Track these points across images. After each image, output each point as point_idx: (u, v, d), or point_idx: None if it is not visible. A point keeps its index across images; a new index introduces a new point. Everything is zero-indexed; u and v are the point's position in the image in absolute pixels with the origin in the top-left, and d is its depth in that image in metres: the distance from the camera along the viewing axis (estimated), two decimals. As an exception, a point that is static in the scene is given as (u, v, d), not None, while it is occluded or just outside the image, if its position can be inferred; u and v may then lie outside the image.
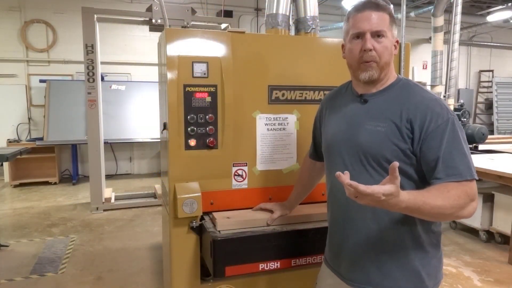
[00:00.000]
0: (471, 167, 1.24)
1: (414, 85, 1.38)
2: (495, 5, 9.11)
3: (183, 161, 1.95)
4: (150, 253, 3.91)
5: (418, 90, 1.35)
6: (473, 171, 1.24)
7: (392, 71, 1.40)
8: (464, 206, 1.20)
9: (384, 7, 1.33)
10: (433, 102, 1.29)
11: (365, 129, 1.34)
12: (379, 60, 1.31)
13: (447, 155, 1.23)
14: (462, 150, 1.24)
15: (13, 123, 7.37)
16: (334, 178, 1.39)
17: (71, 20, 7.27)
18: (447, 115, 1.26)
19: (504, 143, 5.91)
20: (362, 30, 1.31)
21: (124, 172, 8.08)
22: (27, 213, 5.26)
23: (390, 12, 1.34)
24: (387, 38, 1.31)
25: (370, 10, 1.31)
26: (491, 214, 4.17)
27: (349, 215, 1.39)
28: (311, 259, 1.85)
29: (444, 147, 1.23)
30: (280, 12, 2.24)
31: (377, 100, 1.37)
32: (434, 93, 1.38)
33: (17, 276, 3.39)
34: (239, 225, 1.85)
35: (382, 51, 1.30)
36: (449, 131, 1.24)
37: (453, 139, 1.24)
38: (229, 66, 1.97)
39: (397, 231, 1.32)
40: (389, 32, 1.32)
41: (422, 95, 1.32)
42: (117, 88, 7.37)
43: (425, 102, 1.28)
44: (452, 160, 1.22)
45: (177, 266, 1.98)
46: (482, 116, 11.63)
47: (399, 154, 1.27)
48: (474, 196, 1.22)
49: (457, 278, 3.38)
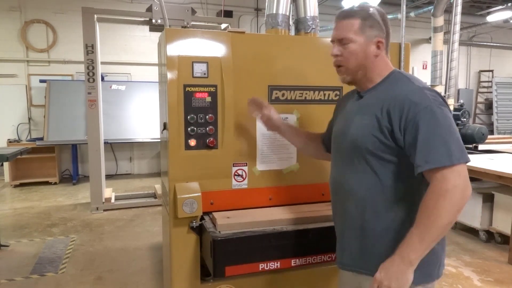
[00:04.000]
0: (453, 152, 1.22)
1: (403, 77, 1.41)
2: (495, 5, 9.11)
3: (183, 161, 1.95)
4: (150, 253, 3.91)
5: (403, 81, 1.38)
6: (455, 155, 1.22)
7: (382, 69, 1.43)
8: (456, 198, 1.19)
9: (354, 13, 1.41)
10: (413, 92, 1.31)
11: (354, 123, 1.43)
12: (346, 64, 1.42)
13: (424, 142, 1.24)
14: (441, 136, 1.24)
15: (13, 123, 7.37)
16: (334, 172, 1.55)
17: (71, 20, 7.26)
18: (426, 103, 1.27)
19: (504, 143, 5.91)
20: (332, 38, 1.47)
21: (124, 172, 8.08)
22: (27, 213, 5.26)
23: (363, 16, 1.39)
24: (355, 42, 1.39)
25: (338, 20, 1.44)
26: (491, 214, 4.17)
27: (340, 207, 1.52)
28: (311, 259, 1.85)
29: (420, 135, 1.25)
30: (280, 12, 2.25)
31: (369, 95, 1.45)
32: (421, 82, 1.38)
33: (17, 276, 3.39)
34: (239, 225, 1.85)
35: (347, 56, 1.41)
36: (427, 118, 1.26)
37: (432, 126, 1.25)
38: (229, 66, 1.97)
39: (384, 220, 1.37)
40: (358, 37, 1.39)
41: (404, 87, 1.35)
42: (117, 88, 7.37)
43: (404, 93, 1.32)
44: (429, 147, 1.23)
45: (177, 266, 1.98)
46: (482, 116, 11.63)
47: (379, 145, 1.34)
48: (460, 179, 1.20)
49: (457, 278, 3.39)
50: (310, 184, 2.19)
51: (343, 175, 1.48)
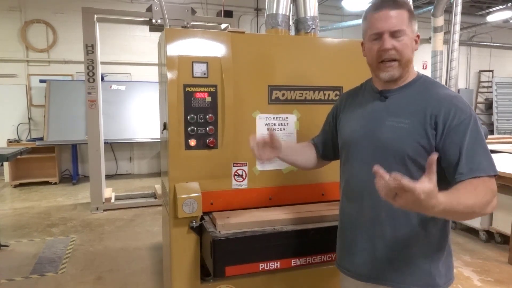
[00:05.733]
0: (493, 163, 1.25)
1: (435, 81, 1.41)
2: (495, 5, 9.10)
3: (183, 161, 1.95)
4: (150, 253, 3.91)
5: (439, 86, 1.37)
6: (495, 167, 1.25)
7: (413, 68, 1.40)
8: (490, 201, 1.20)
9: (402, 3, 1.30)
10: (456, 98, 1.30)
11: (386, 126, 1.33)
12: (400, 58, 1.30)
13: (470, 150, 1.22)
14: (484, 146, 1.25)
15: (13, 123, 7.38)
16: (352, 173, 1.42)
17: (71, 20, 7.27)
18: (470, 112, 1.27)
19: (504, 143, 5.91)
20: (381, 30, 1.29)
21: (124, 172, 8.08)
22: (27, 213, 5.26)
23: (409, 8, 1.31)
24: (407, 35, 1.29)
25: (387, 9, 1.29)
26: (491, 214, 4.17)
27: (372, 211, 1.37)
28: (311, 259, 1.85)
29: (467, 142, 1.23)
30: (280, 12, 2.24)
31: (397, 96, 1.36)
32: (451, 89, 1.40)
33: (17, 276, 3.39)
34: (239, 225, 1.85)
35: (402, 49, 1.29)
36: (472, 127, 1.25)
37: (476, 135, 1.25)
38: (229, 66, 1.97)
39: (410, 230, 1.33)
40: (408, 29, 1.30)
41: (445, 91, 1.33)
42: (117, 88, 7.37)
43: (448, 98, 1.29)
44: (475, 156, 1.22)
45: (177, 266, 1.98)
46: (482, 116, 11.62)
47: (420, 151, 1.27)
48: (496, 191, 1.24)
49: (457, 278, 3.38)
50: (310, 184, 2.19)
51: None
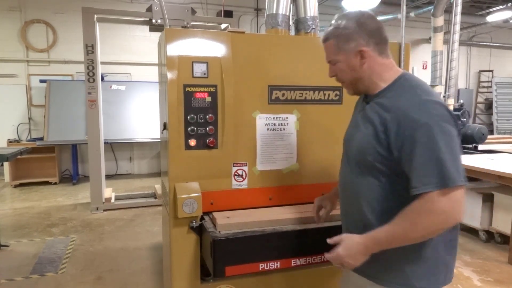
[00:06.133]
0: (447, 174, 1.17)
1: (409, 86, 1.34)
2: (495, 5, 9.10)
3: (183, 161, 1.95)
4: (150, 253, 3.91)
5: (409, 91, 1.32)
6: (450, 178, 1.17)
7: (381, 74, 1.38)
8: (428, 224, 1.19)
9: (327, 35, 1.42)
10: (414, 106, 1.25)
11: (360, 130, 1.41)
12: (343, 80, 1.46)
13: (420, 163, 1.20)
14: (438, 157, 1.18)
15: (14, 123, 7.37)
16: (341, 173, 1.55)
17: (71, 20, 7.26)
18: (425, 119, 1.21)
19: (504, 143, 5.91)
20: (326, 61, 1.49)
21: (124, 172, 8.08)
22: (27, 213, 5.26)
23: (335, 34, 1.39)
24: (340, 61, 1.41)
25: (323, 44, 1.46)
26: (491, 214, 4.17)
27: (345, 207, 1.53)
28: (311, 259, 1.85)
29: (417, 155, 1.21)
30: (280, 12, 2.25)
31: (376, 102, 1.39)
32: (429, 93, 1.30)
33: (17, 276, 3.39)
34: (239, 225, 1.85)
35: (340, 74, 1.45)
36: (423, 137, 1.20)
37: (429, 146, 1.19)
38: (229, 66, 1.97)
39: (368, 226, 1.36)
40: (339, 56, 1.40)
41: (408, 99, 1.29)
42: (117, 88, 7.37)
43: (403, 108, 1.27)
44: (425, 169, 1.19)
45: (177, 266, 1.98)
46: (482, 116, 11.63)
47: (378, 157, 1.32)
48: (448, 204, 1.17)
49: (457, 278, 3.38)
50: (310, 184, 2.19)
51: (349, 178, 1.47)
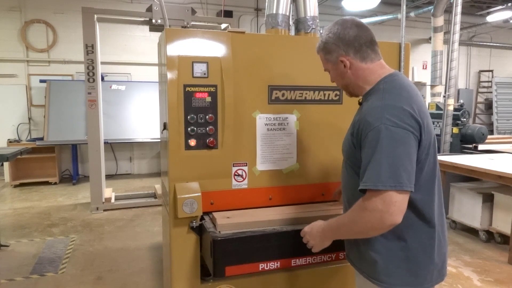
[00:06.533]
0: (379, 177, 1.21)
1: (380, 90, 1.38)
2: (495, 5, 9.11)
3: (183, 161, 1.95)
4: (150, 253, 3.91)
5: (376, 96, 1.37)
6: (381, 181, 1.21)
7: (366, 78, 1.44)
8: (358, 219, 1.29)
9: (317, 49, 1.53)
10: (372, 110, 1.32)
11: (347, 133, 1.51)
12: (338, 86, 1.58)
13: (365, 164, 1.29)
14: (376, 159, 1.24)
15: (14, 123, 7.38)
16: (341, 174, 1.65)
17: (71, 20, 7.27)
18: (377, 123, 1.27)
19: (504, 143, 5.92)
20: None
21: (124, 172, 8.08)
22: (27, 213, 5.26)
23: (321, 47, 1.50)
24: (330, 70, 1.53)
25: None
26: (491, 214, 4.17)
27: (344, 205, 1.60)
28: (311, 259, 1.85)
29: (364, 155, 1.30)
30: (280, 12, 2.25)
31: (362, 105, 1.48)
32: (396, 98, 1.32)
33: (17, 276, 3.39)
34: (239, 225, 1.85)
35: (334, 80, 1.57)
36: (372, 139, 1.27)
37: (373, 148, 1.26)
38: (229, 66, 1.97)
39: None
40: (328, 65, 1.52)
41: (373, 103, 1.35)
42: (117, 88, 7.37)
43: (365, 111, 1.35)
44: (367, 168, 1.27)
45: (177, 266, 1.98)
46: (482, 116, 11.63)
47: (352, 158, 1.43)
48: (380, 205, 1.21)
49: (457, 278, 3.39)
50: (310, 184, 2.19)
51: (345, 178, 1.56)
